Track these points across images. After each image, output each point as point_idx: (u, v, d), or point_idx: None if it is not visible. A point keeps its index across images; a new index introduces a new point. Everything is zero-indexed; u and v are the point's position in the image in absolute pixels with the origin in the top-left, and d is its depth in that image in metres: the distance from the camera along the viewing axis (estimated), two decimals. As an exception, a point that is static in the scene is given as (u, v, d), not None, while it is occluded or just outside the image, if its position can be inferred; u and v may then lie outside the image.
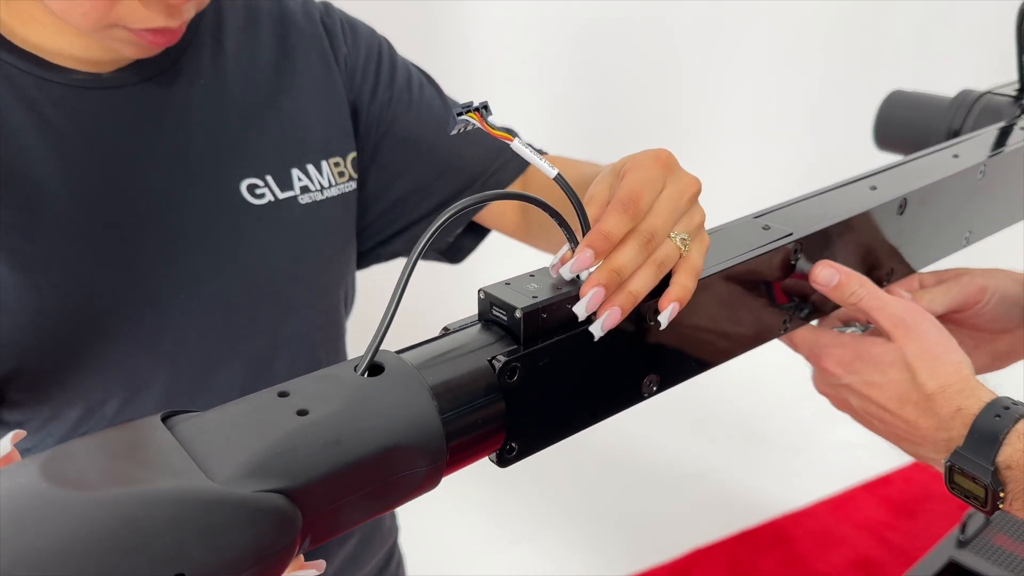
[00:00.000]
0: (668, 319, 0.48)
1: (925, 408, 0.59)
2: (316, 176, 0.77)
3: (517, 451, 0.47)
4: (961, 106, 1.06)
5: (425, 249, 0.42)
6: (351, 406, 0.39)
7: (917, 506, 2.14)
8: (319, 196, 0.77)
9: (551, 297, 0.45)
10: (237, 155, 0.73)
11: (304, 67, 0.78)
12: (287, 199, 0.75)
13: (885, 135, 1.12)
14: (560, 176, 0.45)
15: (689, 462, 2.35)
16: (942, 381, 0.59)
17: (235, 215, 0.72)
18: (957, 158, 0.79)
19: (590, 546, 2.09)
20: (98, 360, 0.67)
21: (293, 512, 0.36)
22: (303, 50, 0.78)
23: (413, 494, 0.42)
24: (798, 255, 0.61)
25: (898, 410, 0.61)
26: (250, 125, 0.74)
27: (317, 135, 0.78)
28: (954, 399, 0.58)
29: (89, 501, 0.33)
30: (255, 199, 0.73)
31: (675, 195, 0.49)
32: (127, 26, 0.61)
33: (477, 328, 0.46)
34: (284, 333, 0.77)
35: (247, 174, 0.73)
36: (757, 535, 2.09)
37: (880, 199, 0.68)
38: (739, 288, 0.57)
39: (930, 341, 0.61)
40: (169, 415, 0.40)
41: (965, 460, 0.57)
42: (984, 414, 0.57)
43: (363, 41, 0.82)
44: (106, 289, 0.66)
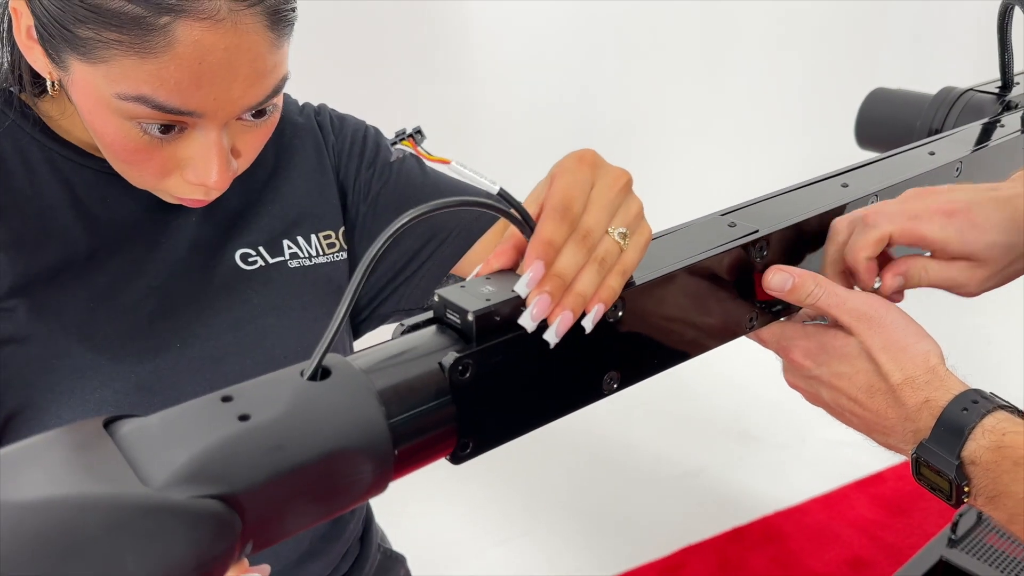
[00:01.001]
0: (592, 322, 0.47)
1: (892, 399, 0.58)
2: (305, 246, 0.85)
3: (472, 448, 0.46)
4: (943, 103, 1.06)
5: (375, 260, 0.43)
6: (294, 410, 0.39)
7: (910, 504, 2.14)
8: (307, 262, 0.84)
9: (504, 299, 0.45)
10: (234, 231, 0.82)
11: (299, 154, 0.87)
12: (276, 263, 0.83)
13: (866, 133, 1.11)
14: (503, 191, 0.46)
15: (680, 460, 2.35)
16: (908, 372, 0.58)
17: (229, 280, 0.80)
18: (933, 155, 0.79)
19: (581, 544, 2.09)
20: (97, 400, 0.72)
21: (231, 517, 0.36)
22: (299, 140, 0.87)
23: (361, 498, 0.41)
24: (763, 252, 0.60)
25: (867, 400, 0.60)
26: (248, 205, 0.83)
27: (308, 212, 0.86)
28: (921, 390, 0.57)
29: (22, 506, 0.33)
30: (247, 266, 0.81)
31: (605, 190, 0.49)
32: (171, 193, 0.72)
33: (431, 331, 0.46)
34: None
35: (241, 246, 0.82)
36: (748, 532, 2.09)
37: (850, 196, 0.67)
38: (701, 285, 0.57)
39: (895, 333, 0.60)
40: (113, 419, 0.40)
41: (930, 453, 0.56)
42: (952, 407, 0.56)
43: (349, 128, 0.91)
44: (109, 337, 0.73)
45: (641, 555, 2.03)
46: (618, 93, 2.70)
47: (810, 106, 2.94)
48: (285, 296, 0.82)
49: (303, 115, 0.89)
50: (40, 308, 0.71)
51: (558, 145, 2.34)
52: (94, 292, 0.73)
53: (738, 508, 2.16)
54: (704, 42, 2.79)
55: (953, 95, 1.05)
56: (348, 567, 0.94)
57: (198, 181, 0.69)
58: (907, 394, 0.58)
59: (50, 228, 0.73)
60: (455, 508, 2.15)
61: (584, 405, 0.52)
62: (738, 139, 2.92)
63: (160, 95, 0.62)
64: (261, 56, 0.64)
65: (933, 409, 0.56)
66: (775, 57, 2.89)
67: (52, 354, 0.71)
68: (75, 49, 0.63)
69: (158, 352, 0.74)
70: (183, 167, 0.69)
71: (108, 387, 0.72)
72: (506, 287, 0.46)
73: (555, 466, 2.30)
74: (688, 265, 0.55)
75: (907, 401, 0.58)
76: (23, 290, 0.70)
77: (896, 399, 0.58)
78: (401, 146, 0.45)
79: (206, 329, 0.77)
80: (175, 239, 0.78)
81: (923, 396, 0.57)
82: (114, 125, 0.65)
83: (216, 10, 0.61)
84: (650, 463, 2.34)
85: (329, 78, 0.94)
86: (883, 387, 0.59)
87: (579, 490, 2.28)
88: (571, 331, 0.48)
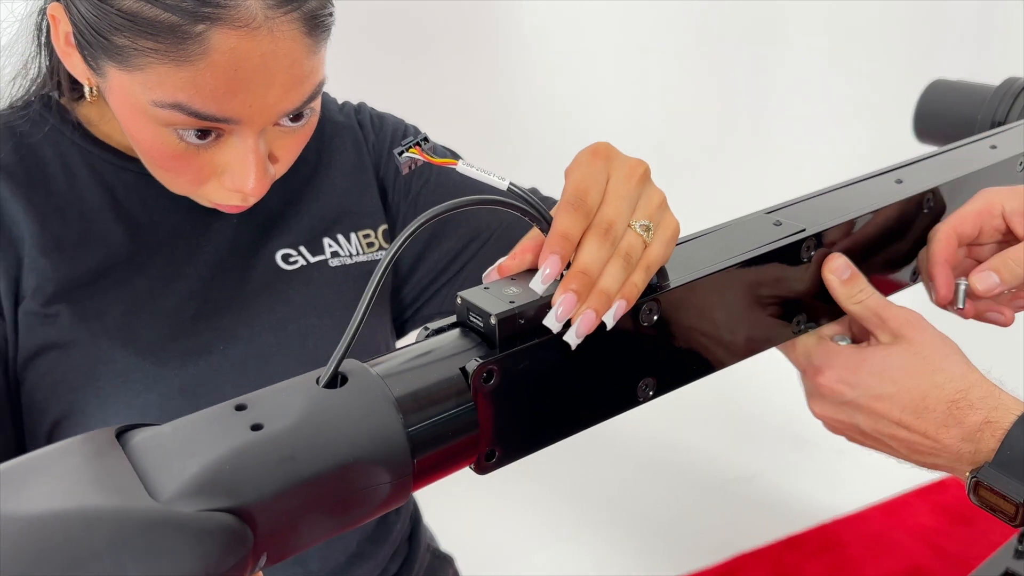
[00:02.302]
0: (613, 319, 0.45)
1: (946, 416, 0.55)
2: (345, 244, 0.84)
3: (499, 457, 0.45)
4: (1006, 95, 1.01)
5: (391, 263, 0.42)
6: (308, 420, 0.37)
7: (973, 513, 2.06)
8: (348, 260, 0.83)
9: (529, 302, 0.43)
10: (274, 231, 0.81)
11: (339, 153, 0.86)
12: (318, 262, 0.82)
13: (925, 127, 1.07)
14: (512, 185, 0.45)
15: (732, 464, 2.30)
16: (960, 383, 0.55)
17: (270, 280, 0.80)
18: (995, 149, 0.75)
19: (629, 549, 2.06)
20: (142, 404, 0.72)
21: (242, 530, 0.35)
22: (339, 139, 0.87)
23: (379, 509, 0.40)
24: (810, 252, 0.57)
25: (914, 421, 0.56)
26: (288, 204, 0.82)
27: (348, 210, 0.85)
28: (978, 407, 0.54)
29: (28, 520, 0.32)
30: (288, 266, 0.81)
31: (622, 181, 0.48)
32: (209, 199, 0.71)
33: (455, 334, 0.45)
34: None
35: (282, 246, 0.81)
36: (804, 540, 2.03)
37: (904, 193, 0.64)
38: (742, 286, 0.54)
39: (937, 339, 0.57)
40: (126, 429, 0.39)
41: (995, 477, 0.53)
42: (1017, 429, 0.53)
43: (389, 127, 0.90)
44: (152, 340, 0.73)
45: (692, 562, 1.99)
46: (666, 91, 2.66)
47: (868, 100, 2.86)
48: (327, 295, 0.81)
49: (343, 113, 0.89)
50: (83, 312, 0.71)
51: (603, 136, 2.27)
52: (135, 295, 0.73)
53: (793, 515, 2.11)
54: (756, 35, 2.73)
55: (1017, 86, 1.00)
56: (397, 567, 0.93)
57: (235, 187, 0.69)
58: (964, 410, 0.54)
59: (91, 232, 0.73)
60: (503, 510, 2.13)
61: (618, 413, 0.50)
62: (792, 135, 2.86)
63: (196, 102, 0.62)
64: (298, 62, 0.64)
65: (995, 431, 0.53)
66: (830, 50, 2.82)
67: (96, 359, 0.71)
68: (111, 56, 0.63)
69: (200, 354, 0.74)
70: (220, 173, 0.69)
71: (153, 390, 0.72)
72: (531, 289, 0.44)
73: (603, 469, 2.28)
74: (729, 265, 0.52)
75: (964, 421, 0.54)
76: (66, 295, 0.71)
77: (951, 417, 0.55)
78: (409, 154, 0.45)
79: (248, 330, 0.77)
80: (215, 241, 0.78)
81: (982, 416, 0.54)
82: (151, 131, 0.65)
83: (252, 17, 0.60)
84: (701, 467, 2.30)
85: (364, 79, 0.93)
86: (933, 404, 0.55)
87: (627, 494, 2.24)
88: (603, 334, 0.45)
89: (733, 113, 2.78)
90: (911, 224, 0.65)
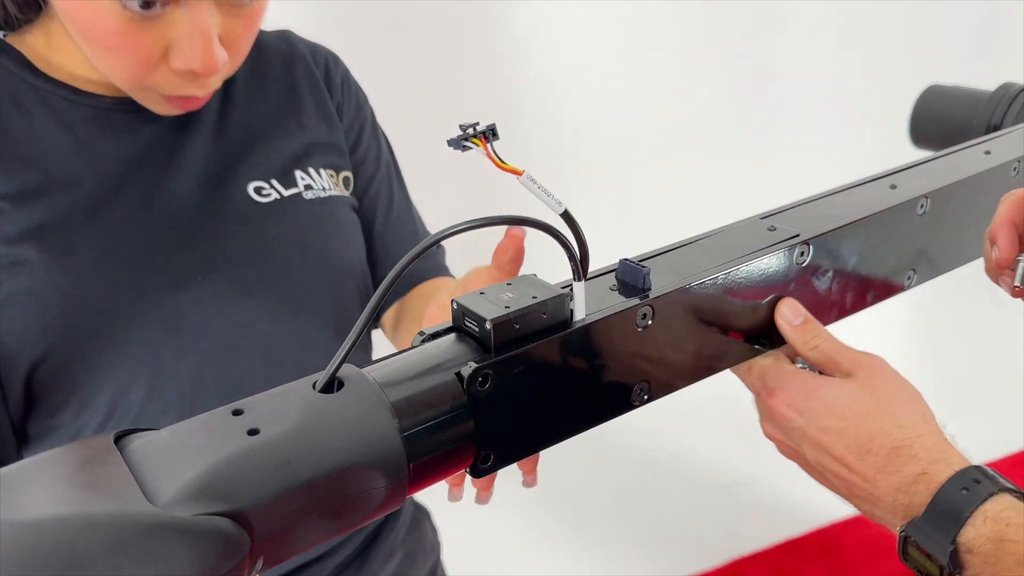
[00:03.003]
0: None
1: (886, 462, 0.52)
2: (317, 178, 0.83)
3: (494, 461, 0.45)
4: (1001, 100, 1.01)
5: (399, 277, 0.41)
6: (304, 424, 0.38)
7: (972, 516, 2.06)
8: (322, 194, 0.83)
9: (524, 306, 0.44)
10: (244, 164, 0.80)
11: (307, 97, 0.87)
12: (292, 195, 0.81)
13: (921, 131, 1.07)
14: (568, 212, 0.43)
15: (731, 468, 2.30)
16: (909, 431, 0.52)
17: (244, 212, 0.78)
18: (989, 154, 0.75)
19: (630, 552, 2.06)
20: (122, 341, 0.71)
21: (239, 535, 0.35)
22: (307, 84, 0.87)
23: (375, 513, 0.40)
24: (803, 257, 0.58)
25: (855, 462, 0.53)
26: (256, 140, 0.82)
27: (316, 150, 0.85)
28: (920, 457, 0.51)
29: (25, 525, 0.33)
30: (261, 198, 0.80)
31: None
32: (160, 91, 0.70)
33: (450, 339, 0.45)
34: (302, 321, 0.80)
35: (253, 178, 0.80)
36: (803, 544, 2.03)
37: (899, 198, 0.64)
38: (736, 290, 0.55)
39: (896, 387, 0.55)
40: (125, 434, 0.39)
41: (922, 534, 0.50)
42: (950, 485, 0.50)
43: (354, 98, 0.91)
44: (127, 274, 0.71)
45: (691, 565, 1.99)
46: (663, 94, 2.67)
47: (863, 105, 2.86)
48: (305, 229, 0.80)
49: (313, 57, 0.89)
50: (53, 252, 0.69)
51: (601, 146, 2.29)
52: (106, 230, 0.72)
53: (793, 518, 2.11)
54: (752, 40, 2.74)
55: (1013, 91, 1.01)
56: (383, 517, 0.94)
57: (185, 66, 0.67)
58: (905, 459, 0.52)
59: (53, 172, 0.71)
60: (499, 513, 2.13)
61: (613, 417, 0.50)
62: (788, 140, 2.86)
63: None
64: None
65: (930, 484, 0.50)
66: (827, 55, 2.83)
67: (70, 297, 0.69)
68: None
69: (180, 287, 0.73)
70: (170, 53, 0.67)
71: (133, 325, 0.71)
72: (527, 293, 0.45)
73: (601, 473, 2.28)
74: (723, 270, 0.53)
75: (902, 469, 0.52)
76: (34, 237, 0.69)
77: (891, 464, 0.52)
78: (469, 144, 0.42)
79: (227, 264, 0.76)
80: (183, 172, 0.77)
81: (920, 467, 0.51)
82: (92, 6, 0.63)
83: None
84: (699, 470, 2.30)
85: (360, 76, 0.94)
86: (876, 447, 0.53)
87: (625, 497, 2.24)
88: (599, 340, 0.46)
89: (728, 118, 2.79)
90: (907, 228, 0.65)
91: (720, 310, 0.54)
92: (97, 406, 0.72)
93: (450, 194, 1.86)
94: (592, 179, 2.50)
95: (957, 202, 0.68)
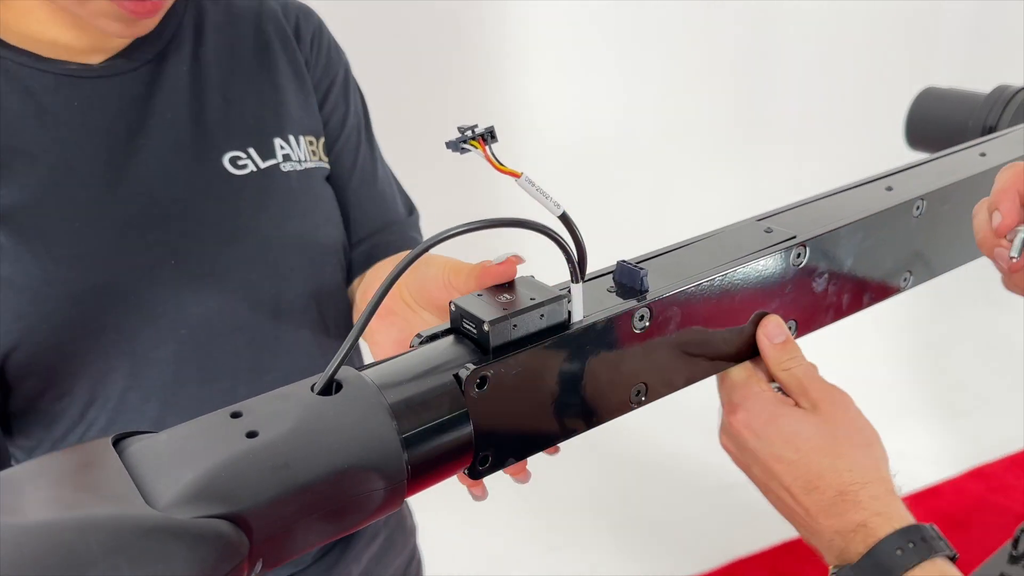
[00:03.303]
0: None
1: (830, 504, 0.52)
2: (296, 148, 0.81)
3: (492, 462, 0.45)
4: (996, 102, 1.02)
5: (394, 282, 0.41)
6: (302, 427, 0.38)
7: (968, 518, 2.06)
8: (299, 166, 0.81)
9: (522, 308, 0.44)
10: (219, 132, 0.77)
11: (280, 57, 0.83)
12: (269, 167, 0.78)
13: (916, 134, 1.08)
14: (566, 214, 0.43)
15: (731, 470, 2.29)
16: (858, 476, 0.52)
17: (219, 187, 0.76)
18: (984, 156, 0.75)
19: (627, 555, 2.06)
20: (97, 328, 0.69)
21: (237, 537, 0.35)
22: (280, 42, 0.84)
23: (375, 514, 0.40)
24: (800, 259, 0.58)
25: (802, 496, 0.54)
26: (231, 104, 0.79)
27: (293, 114, 0.82)
28: (864, 506, 0.52)
29: (25, 528, 0.33)
30: (238, 170, 0.77)
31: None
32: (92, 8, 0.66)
33: (448, 341, 0.45)
34: (283, 303, 0.78)
35: (229, 147, 0.77)
36: (801, 545, 2.03)
37: (894, 200, 0.65)
38: (733, 292, 0.55)
39: (858, 426, 0.55)
40: (123, 437, 0.39)
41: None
42: (886, 544, 0.50)
43: (324, 54, 0.88)
44: (101, 256, 0.69)
45: (690, 567, 2.00)
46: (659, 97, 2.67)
47: (859, 107, 2.87)
48: (283, 205, 0.78)
49: (284, 14, 0.86)
50: (23, 234, 0.67)
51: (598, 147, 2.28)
52: (77, 207, 0.69)
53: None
54: (748, 43, 2.74)
55: (1008, 93, 1.01)
56: None
57: None
58: (848, 507, 0.52)
59: (18, 146, 0.68)
60: (495, 517, 2.13)
61: (610, 419, 0.50)
62: (786, 142, 2.87)
63: None
64: None
65: (868, 538, 0.51)
66: (824, 58, 2.84)
67: (42, 281, 0.67)
68: None
69: (154, 271, 0.71)
70: None
71: (106, 311, 0.69)
72: (524, 295, 0.45)
73: (600, 474, 2.28)
74: (720, 272, 0.53)
75: (844, 515, 0.52)
76: (2, 222, 0.66)
77: (835, 507, 0.52)
78: (468, 146, 0.42)
79: (203, 244, 0.74)
80: (155, 140, 0.74)
81: (862, 517, 0.52)
82: None
83: None
84: (698, 472, 2.30)
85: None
86: (823, 486, 0.53)
87: (624, 499, 2.25)
88: (597, 341, 0.46)
89: (726, 120, 2.79)
90: (902, 230, 0.66)
91: (717, 312, 0.54)
92: (76, 393, 0.71)
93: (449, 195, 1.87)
94: (590, 181, 2.51)
95: (953, 204, 0.69)
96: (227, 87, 0.79)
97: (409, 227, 0.92)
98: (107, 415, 0.72)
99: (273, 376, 0.78)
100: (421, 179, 1.26)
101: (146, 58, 0.76)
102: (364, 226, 0.88)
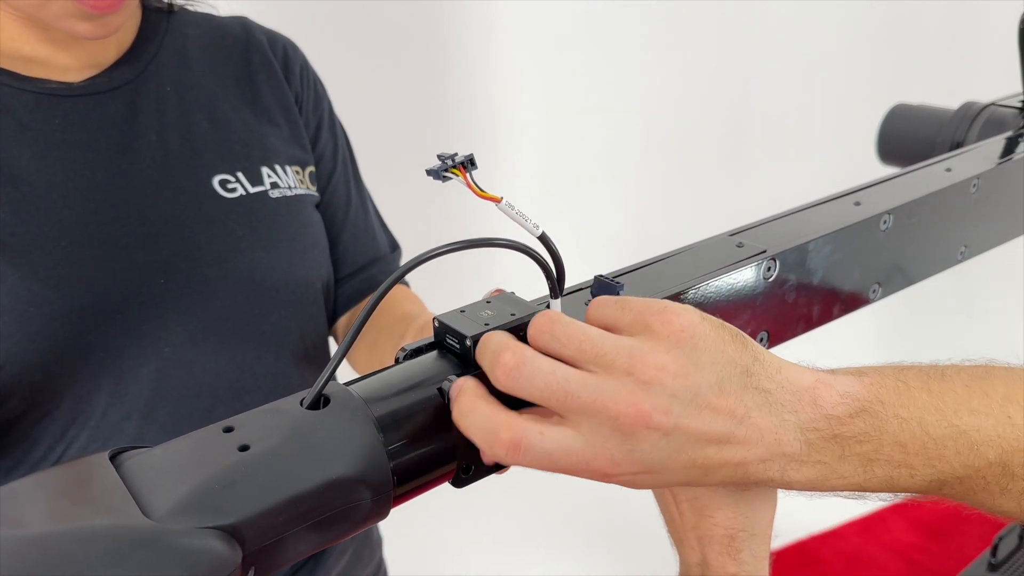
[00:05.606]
0: None
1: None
2: (283, 176, 0.82)
3: (475, 471, 0.46)
4: (964, 118, 1.05)
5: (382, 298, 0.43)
6: (292, 440, 0.39)
7: (948, 527, 2.09)
8: (288, 192, 0.82)
9: (503, 323, 0.45)
10: (208, 154, 0.78)
11: (266, 87, 0.85)
12: (258, 193, 0.80)
13: (888, 149, 1.11)
14: (544, 235, 0.45)
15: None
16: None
17: (209, 207, 0.76)
18: (950, 171, 0.78)
19: (607, 563, 2.06)
20: (83, 347, 0.69)
21: (231, 547, 0.36)
22: (265, 74, 0.85)
23: (362, 524, 0.42)
24: (771, 272, 0.60)
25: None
26: (218, 128, 0.80)
27: (278, 145, 0.84)
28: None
29: (25, 539, 0.34)
30: (227, 193, 0.78)
31: None
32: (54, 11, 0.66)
33: (432, 356, 0.47)
34: (266, 325, 0.79)
35: (218, 171, 0.78)
36: (782, 557, 2.05)
37: (862, 215, 0.67)
38: (706, 307, 0.57)
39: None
40: (119, 452, 0.40)
41: None
42: None
43: (313, 89, 0.90)
44: (88, 276, 0.69)
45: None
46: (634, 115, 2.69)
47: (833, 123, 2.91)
48: (271, 229, 0.79)
49: (271, 45, 0.87)
50: (8, 256, 0.66)
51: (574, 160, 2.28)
52: (63, 226, 0.69)
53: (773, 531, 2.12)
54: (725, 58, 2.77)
55: (974, 110, 1.04)
56: None
57: None
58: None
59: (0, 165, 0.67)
60: (474, 521, 2.13)
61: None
62: (764, 159, 2.90)
63: None
64: None
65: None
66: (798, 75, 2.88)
67: (27, 302, 0.66)
68: None
69: (141, 289, 0.71)
70: None
71: (93, 331, 0.69)
72: (505, 311, 0.46)
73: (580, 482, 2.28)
74: (694, 285, 0.55)
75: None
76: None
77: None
78: (450, 174, 0.43)
79: (190, 263, 0.74)
80: (140, 158, 0.74)
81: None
82: None
83: None
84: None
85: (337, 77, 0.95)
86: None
87: (603, 507, 2.25)
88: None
89: (701, 138, 2.82)
90: (870, 243, 0.68)
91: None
92: (59, 412, 0.70)
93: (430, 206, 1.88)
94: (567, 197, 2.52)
95: (919, 218, 0.71)
96: (214, 111, 0.80)
97: (393, 264, 0.95)
98: (88, 433, 0.72)
99: (253, 396, 0.78)
100: (399, 196, 1.27)
101: (127, 78, 0.76)
102: (350, 262, 0.90)
